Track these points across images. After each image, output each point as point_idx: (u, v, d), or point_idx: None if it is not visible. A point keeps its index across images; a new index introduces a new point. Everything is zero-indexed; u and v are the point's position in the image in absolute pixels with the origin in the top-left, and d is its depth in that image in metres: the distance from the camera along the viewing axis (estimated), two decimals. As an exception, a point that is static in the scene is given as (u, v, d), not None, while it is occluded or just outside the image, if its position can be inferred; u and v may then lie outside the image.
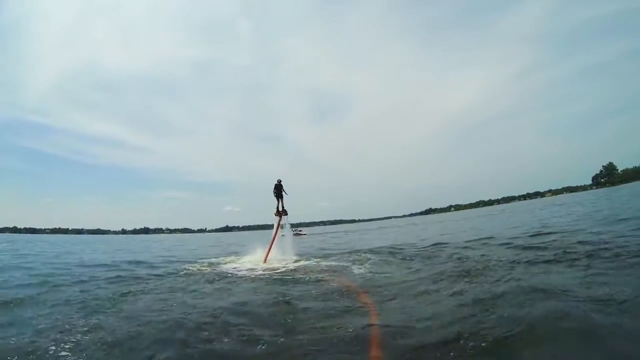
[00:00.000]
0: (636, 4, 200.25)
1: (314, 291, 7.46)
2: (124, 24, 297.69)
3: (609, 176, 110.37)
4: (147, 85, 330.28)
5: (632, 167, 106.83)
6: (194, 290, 8.33)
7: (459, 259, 9.94)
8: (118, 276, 10.77)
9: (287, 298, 7.14)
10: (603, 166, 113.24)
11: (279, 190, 16.21)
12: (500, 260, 8.61)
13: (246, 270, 11.99)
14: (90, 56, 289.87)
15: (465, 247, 12.29)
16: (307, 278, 9.45)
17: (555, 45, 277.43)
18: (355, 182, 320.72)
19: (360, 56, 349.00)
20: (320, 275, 9.70)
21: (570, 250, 8.56)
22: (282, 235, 16.72)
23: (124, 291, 8.20)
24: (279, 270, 11.48)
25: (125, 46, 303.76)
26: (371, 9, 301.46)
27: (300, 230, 59.30)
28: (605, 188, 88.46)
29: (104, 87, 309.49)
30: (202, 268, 12.81)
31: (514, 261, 8.38)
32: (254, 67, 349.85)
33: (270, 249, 15.36)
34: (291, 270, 11.48)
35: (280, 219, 16.30)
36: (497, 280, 6.57)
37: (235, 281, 9.68)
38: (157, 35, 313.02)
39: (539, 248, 9.75)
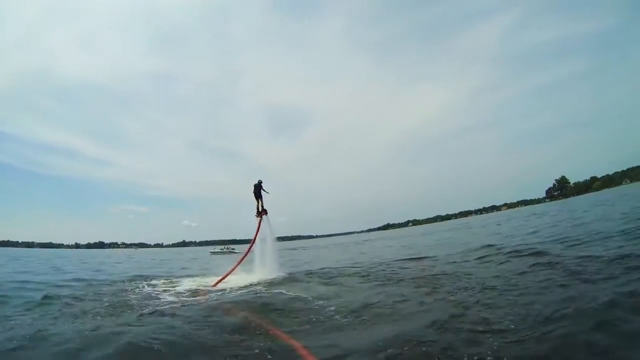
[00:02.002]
0: (582, 29, 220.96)
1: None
2: (82, 32, 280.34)
3: (561, 189, 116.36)
4: (104, 96, 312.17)
5: (582, 180, 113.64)
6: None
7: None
8: None
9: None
10: (556, 180, 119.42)
11: (258, 190, 15.63)
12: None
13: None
14: (46, 62, 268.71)
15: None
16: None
17: (511, 65, 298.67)
18: (314, 197, 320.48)
19: (320, 71, 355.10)
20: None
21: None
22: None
23: None
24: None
25: (83, 54, 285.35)
26: (332, 26, 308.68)
27: (233, 249, 57.53)
28: (559, 201, 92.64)
29: (59, 95, 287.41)
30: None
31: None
32: (213, 81, 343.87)
33: (238, 264, 13.82)
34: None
35: (261, 220, 15.31)
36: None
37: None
38: (116, 45, 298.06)
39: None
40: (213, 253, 50.87)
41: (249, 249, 14.95)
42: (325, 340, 4.71)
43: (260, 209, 15.59)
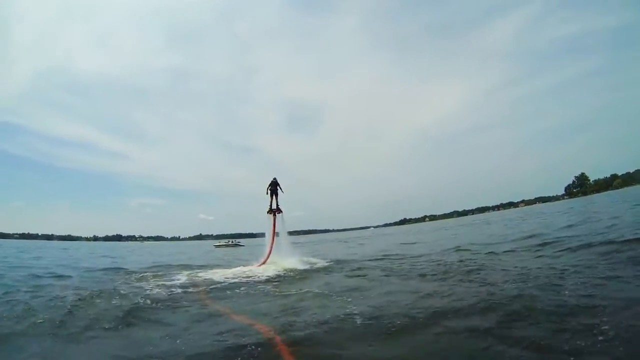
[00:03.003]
0: (599, 24, 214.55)
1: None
2: (99, 30, 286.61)
3: (581, 186, 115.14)
4: (122, 90, 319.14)
5: (602, 177, 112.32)
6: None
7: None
8: None
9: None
10: (575, 177, 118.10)
11: (274, 187, 15.70)
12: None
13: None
14: (65, 58, 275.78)
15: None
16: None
17: (528, 62, 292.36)
18: (331, 192, 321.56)
19: (337, 68, 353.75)
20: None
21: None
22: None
23: None
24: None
25: (101, 51, 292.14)
26: (349, 22, 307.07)
27: (239, 242, 56.97)
28: (578, 198, 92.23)
29: (78, 90, 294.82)
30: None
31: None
32: (229, 76, 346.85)
33: (270, 251, 14.75)
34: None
35: (275, 218, 15.57)
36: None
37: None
38: (132, 42, 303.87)
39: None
40: (218, 246, 50.42)
41: (272, 240, 15.16)
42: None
43: (275, 207, 15.65)
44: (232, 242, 57.21)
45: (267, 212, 15.75)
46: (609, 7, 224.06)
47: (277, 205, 15.75)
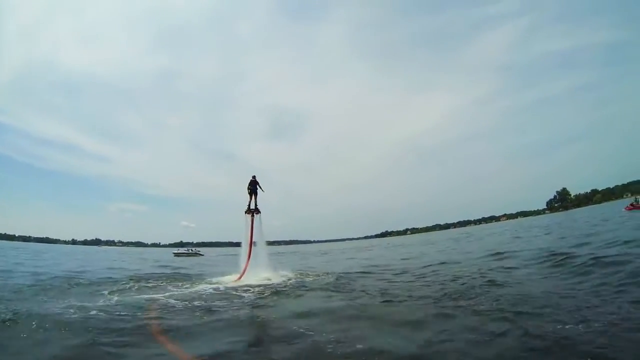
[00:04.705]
0: (588, 41, 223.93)
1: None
2: (87, 26, 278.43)
3: (562, 201, 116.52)
4: (106, 91, 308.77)
5: (583, 192, 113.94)
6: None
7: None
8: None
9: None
10: (557, 191, 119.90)
11: (254, 186, 14.88)
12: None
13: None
14: (49, 55, 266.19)
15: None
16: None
17: (514, 76, 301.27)
18: (313, 202, 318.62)
19: (322, 76, 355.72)
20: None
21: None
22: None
23: None
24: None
25: (87, 49, 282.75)
26: (336, 30, 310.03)
27: (198, 251, 54.60)
28: (559, 212, 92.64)
29: (61, 89, 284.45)
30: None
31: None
32: (216, 81, 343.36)
33: (248, 260, 13.62)
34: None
35: (252, 218, 14.58)
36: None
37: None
38: (120, 39, 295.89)
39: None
40: (177, 255, 47.74)
41: (250, 248, 14.06)
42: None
43: (253, 207, 14.81)
44: (192, 250, 54.87)
45: (245, 212, 14.79)
46: (601, 24, 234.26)
47: (256, 205, 14.85)
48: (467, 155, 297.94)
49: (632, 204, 32.37)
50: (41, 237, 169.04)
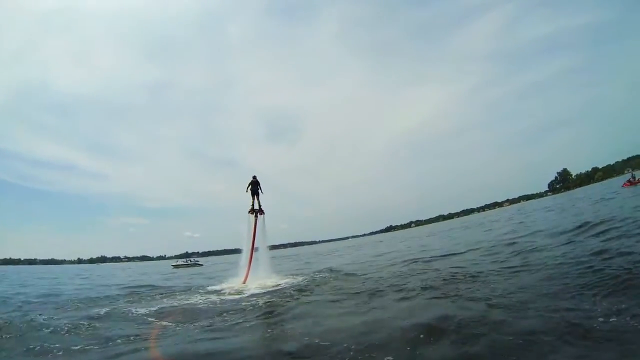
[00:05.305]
0: (574, 22, 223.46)
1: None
2: (76, 45, 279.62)
3: (563, 182, 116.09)
4: (100, 108, 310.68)
5: (584, 171, 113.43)
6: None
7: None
8: None
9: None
10: (558, 173, 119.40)
11: (255, 187, 14.83)
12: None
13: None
14: (41, 76, 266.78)
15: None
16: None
17: (505, 63, 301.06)
18: (315, 203, 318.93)
19: (316, 76, 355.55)
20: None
21: None
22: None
23: None
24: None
25: (78, 67, 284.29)
26: (326, 29, 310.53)
27: (197, 261, 54.32)
28: (561, 193, 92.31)
29: (55, 109, 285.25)
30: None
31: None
32: (208, 88, 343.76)
33: (250, 266, 13.51)
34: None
35: (256, 219, 14.46)
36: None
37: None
38: (110, 56, 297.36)
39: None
40: (175, 266, 47.08)
41: (252, 250, 13.95)
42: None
43: (257, 208, 14.71)
44: (191, 261, 54.20)
45: (249, 212, 14.69)
46: (584, 5, 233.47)
47: (260, 205, 14.76)
48: (465, 145, 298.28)
49: (629, 180, 32.27)
50: (47, 259, 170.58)
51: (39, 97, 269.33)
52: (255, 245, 14.12)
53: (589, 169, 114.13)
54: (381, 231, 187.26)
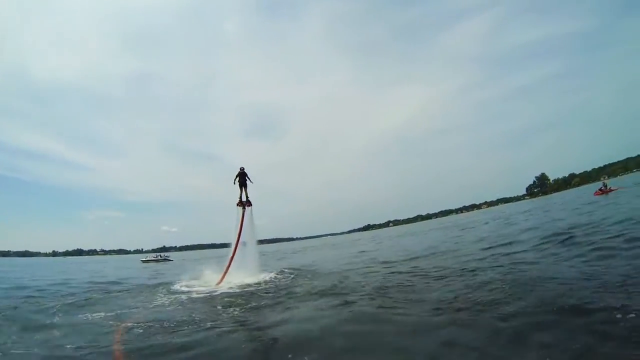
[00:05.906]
0: (561, 30, 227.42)
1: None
2: (55, 30, 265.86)
3: (541, 186, 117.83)
4: (79, 97, 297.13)
5: (562, 177, 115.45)
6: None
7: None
8: None
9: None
10: (536, 177, 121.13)
11: (242, 178, 14.46)
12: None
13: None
14: (20, 62, 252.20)
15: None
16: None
17: (490, 66, 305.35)
18: (295, 199, 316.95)
19: (301, 73, 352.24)
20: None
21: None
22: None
23: None
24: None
25: (57, 54, 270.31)
26: (313, 27, 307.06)
27: (167, 256, 53.22)
28: (539, 197, 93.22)
29: (33, 97, 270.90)
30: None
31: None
32: (190, 82, 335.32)
33: (232, 258, 12.84)
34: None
35: (244, 211, 13.99)
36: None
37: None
38: (90, 44, 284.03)
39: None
40: (145, 262, 46.47)
41: (237, 245, 13.36)
42: None
43: (245, 199, 14.43)
44: (161, 256, 52.40)
45: (237, 205, 14.35)
46: (572, 13, 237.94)
47: (247, 197, 14.44)
48: (446, 146, 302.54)
49: (600, 189, 31.22)
50: (21, 250, 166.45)
51: (16, 84, 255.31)
52: (243, 240, 13.69)
53: (567, 175, 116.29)
54: (359, 230, 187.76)
